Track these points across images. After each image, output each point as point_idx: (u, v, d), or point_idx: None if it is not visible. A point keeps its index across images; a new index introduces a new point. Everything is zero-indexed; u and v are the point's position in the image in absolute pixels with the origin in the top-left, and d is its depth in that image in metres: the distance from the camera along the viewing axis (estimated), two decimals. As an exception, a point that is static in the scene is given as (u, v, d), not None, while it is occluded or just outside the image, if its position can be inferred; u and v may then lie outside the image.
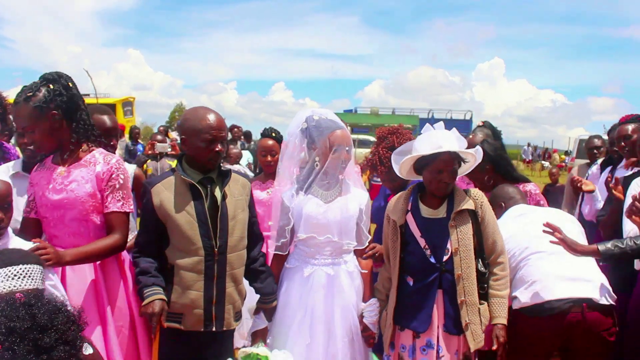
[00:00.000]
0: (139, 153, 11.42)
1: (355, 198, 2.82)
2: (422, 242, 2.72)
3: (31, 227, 2.51)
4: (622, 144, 4.03)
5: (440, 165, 2.67)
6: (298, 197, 2.74)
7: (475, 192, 2.82)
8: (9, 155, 3.51)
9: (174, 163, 7.11)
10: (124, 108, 20.67)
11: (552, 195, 8.98)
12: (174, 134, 13.49)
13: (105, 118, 3.12)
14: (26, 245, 2.22)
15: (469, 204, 2.73)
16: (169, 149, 6.56)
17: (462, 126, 24.50)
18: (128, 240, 2.57)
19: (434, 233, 2.73)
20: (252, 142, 12.17)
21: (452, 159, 2.69)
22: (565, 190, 5.33)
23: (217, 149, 2.47)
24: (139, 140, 11.85)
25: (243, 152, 9.38)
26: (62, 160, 2.51)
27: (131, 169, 3.12)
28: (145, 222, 2.55)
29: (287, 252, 2.83)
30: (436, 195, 2.75)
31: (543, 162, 27.96)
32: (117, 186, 2.48)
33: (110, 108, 18.35)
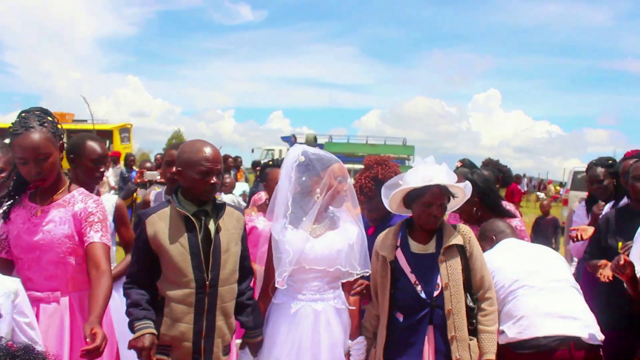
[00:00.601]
0: (157, 177, 11.36)
1: (345, 232, 2.81)
2: (412, 278, 2.73)
3: (1, 268, 2.41)
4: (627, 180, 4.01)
5: (430, 199, 2.71)
6: (288, 231, 2.73)
7: (464, 227, 2.85)
8: None
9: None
10: (121, 134, 20.65)
11: (543, 227, 9.06)
12: None
13: (95, 145, 3.07)
14: (3, 279, 2.17)
15: (457, 239, 2.76)
16: (158, 177, 6.60)
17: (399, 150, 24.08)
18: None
19: (424, 268, 2.75)
20: (244, 170, 12.24)
21: (442, 193, 2.72)
22: (565, 228, 5.27)
23: (212, 181, 2.49)
24: (134, 168, 11.84)
25: (238, 184, 9.38)
26: (41, 199, 2.51)
27: (112, 199, 3.13)
28: (138, 252, 2.55)
29: (285, 286, 2.77)
30: (425, 229, 2.78)
31: (538, 193, 28.01)
32: (96, 220, 2.49)
33: (108, 134, 18.49)
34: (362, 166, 3.58)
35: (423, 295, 2.70)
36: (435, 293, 2.69)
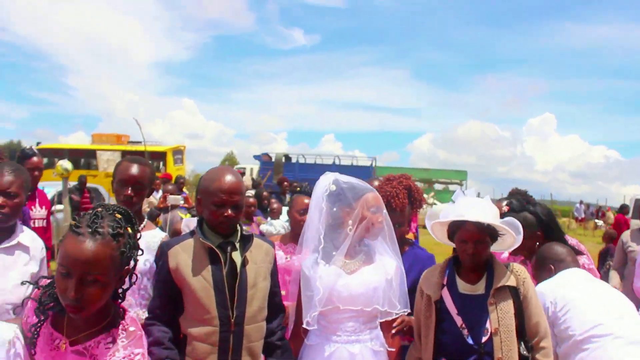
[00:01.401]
0: (181, 202, 11.51)
1: (382, 267, 2.57)
2: (458, 321, 2.49)
3: None
4: None
5: (464, 235, 2.49)
6: (320, 267, 2.52)
7: (517, 267, 2.59)
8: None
9: (185, 216, 6.99)
10: (174, 156, 21.04)
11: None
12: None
13: (127, 165, 2.72)
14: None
15: (510, 280, 2.50)
16: (182, 202, 6.48)
17: (365, 172, 22.25)
18: None
19: (472, 311, 2.50)
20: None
21: (479, 230, 2.48)
22: (615, 253, 5.08)
23: (226, 214, 2.31)
24: (184, 190, 11.97)
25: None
26: (70, 328, 1.78)
27: (159, 236, 2.73)
28: (159, 285, 2.38)
29: (316, 326, 2.54)
30: (469, 268, 2.54)
31: (596, 220, 26.88)
32: None
33: (161, 156, 18.94)
34: None
35: (470, 340, 2.45)
36: (484, 339, 2.44)
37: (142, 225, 2.62)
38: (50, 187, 9.46)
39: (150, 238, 2.63)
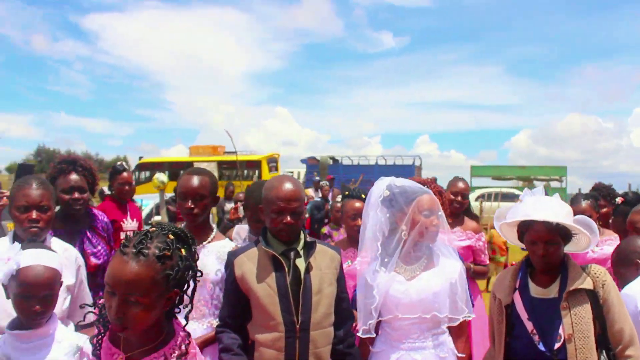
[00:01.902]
0: None
1: (444, 270, 2.51)
2: (529, 326, 2.39)
3: None
4: None
5: (533, 236, 2.38)
6: (380, 274, 2.49)
7: (596, 269, 2.43)
8: (96, 222, 3.50)
9: None
10: (269, 164, 21.52)
11: None
12: (310, 191, 13.72)
13: (193, 178, 2.69)
14: (70, 334, 2.10)
15: (586, 283, 2.36)
16: None
17: (407, 171, 22.25)
18: None
19: (544, 316, 2.39)
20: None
21: (548, 230, 2.35)
22: None
23: (285, 221, 2.38)
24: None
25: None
26: (125, 344, 1.77)
27: (229, 246, 2.73)
28: (228, 294, 2.47)
29: (374, 334, 2.54)
30: (540, 270, 2.42)
31: None
32: None
33: (256, 165, 19.45)
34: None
35: (542, 347, 2.34)
36: (557, 345, 2.32)
37: (211, 236, 2.71)
38: (149, 199, 10.00)
39: (220, 248, 2.69)
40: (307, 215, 12.00)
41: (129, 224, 4.81)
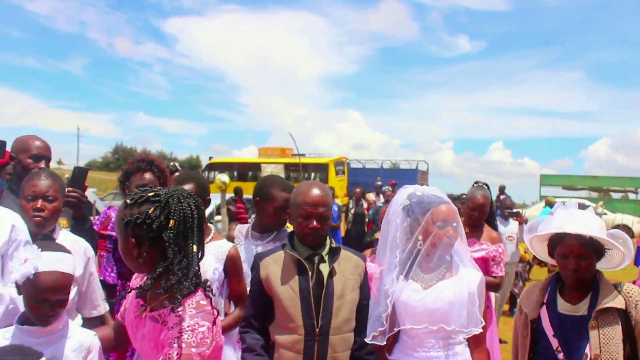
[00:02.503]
0: (333, 214, 11.85)
1: (463, 280, 2.44)
2: (554, 343, 2.33)
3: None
4: None
5: (565, 250, 2.32)
6: (398, 282, 2.47)
7: (629, 287, 2.35)
8: None
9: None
10: (336, 167, 21.50)
11: None
12: (371, 196, 13.69)
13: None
14: (78, 332, 2.14)
15: (617, 302, 2.28)
16: None
17: (409, 175, 21.38)
18: None
19: (570, 333, 2.33)
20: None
21: (580, 243, 2.29)
22: None
23: (311, 226, 2.43)
24: (335, 201, 12.33)
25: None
26: (151, 295, 1.86)
27: (226, 247, 2.82)
28: (253, 295, 2.54)
29: (385, 342, 2.50)
30: (571, 286, 2.34)
31: None
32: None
33: (323, 168, 19.60)
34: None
35: None
36: None
37: (210, 237, 2.79)
38: (213, 199, 10.35)
39: (218, 248, 2.77)
40: (367, 220, 12.14)
41: None
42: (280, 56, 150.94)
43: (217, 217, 9.72)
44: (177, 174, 5.02)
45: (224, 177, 9.88)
